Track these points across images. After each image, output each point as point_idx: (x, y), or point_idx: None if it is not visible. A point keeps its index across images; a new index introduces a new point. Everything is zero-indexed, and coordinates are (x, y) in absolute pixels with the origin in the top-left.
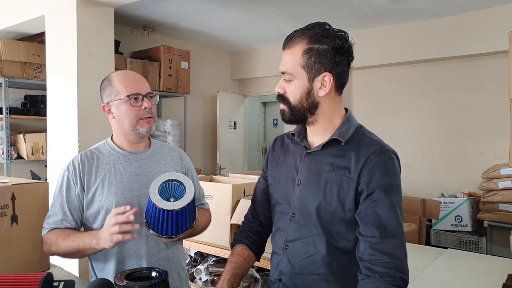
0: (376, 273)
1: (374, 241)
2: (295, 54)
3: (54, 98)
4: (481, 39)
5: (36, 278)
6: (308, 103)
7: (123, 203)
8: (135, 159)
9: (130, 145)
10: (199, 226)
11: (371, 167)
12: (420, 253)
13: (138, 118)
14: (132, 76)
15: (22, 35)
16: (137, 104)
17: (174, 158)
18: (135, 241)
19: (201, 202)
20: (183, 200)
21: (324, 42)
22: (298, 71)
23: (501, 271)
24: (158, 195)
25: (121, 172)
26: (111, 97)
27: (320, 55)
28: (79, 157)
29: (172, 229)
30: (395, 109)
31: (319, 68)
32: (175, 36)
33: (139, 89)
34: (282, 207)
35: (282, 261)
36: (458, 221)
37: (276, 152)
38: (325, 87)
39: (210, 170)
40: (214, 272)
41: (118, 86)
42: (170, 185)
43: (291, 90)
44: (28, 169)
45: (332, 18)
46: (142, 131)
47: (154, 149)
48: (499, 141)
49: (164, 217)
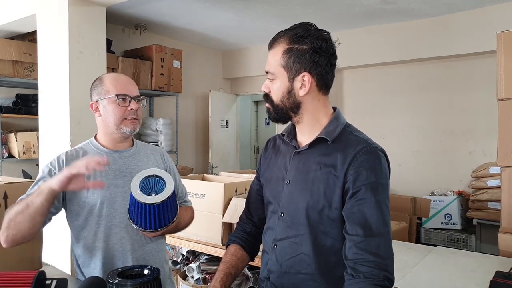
0: (360, 273)
1: (358, 239)
2: (277, 54)
3: (46, 97)
4: (470, 39)
5: (28, 277)
6: (289, 102)
7: (108, 198)
8: (119, 157)
9: (114, 144)
10: (182, 222)
11: (357, 165)
12: (410, 251)
13: (123, 118)
14: (123, 79)
15: (13, 34)
16: (124, 104)
17: (156, 157)
18: (120, 235)
19: (183, 200)
20: (163, 194)
21: (303, 42)
22: (279, 71)
23: (489, 268)
24: (140, 190)
25: (105, 169)
26: (100, 96)
27: (299, 55)
28: (64, 154)
29: (155, 223)
30: (385, 108)
31: (299, 68)
32: (167, 35)
33: (128, 91)
34: (273, 207)
35: (270, 259)
36: (447, 219)
37: (268, 153)
38: (305, 87)
39: (202, 169)
40: (206, 270)
41: (109, 86)
42: (151, 180)
43: (274, 90)
44: (19, 168)
45: (323, 17)
46: (126, 130)
47: (137, 148)
48: (488, 140)
49: (146, 211)
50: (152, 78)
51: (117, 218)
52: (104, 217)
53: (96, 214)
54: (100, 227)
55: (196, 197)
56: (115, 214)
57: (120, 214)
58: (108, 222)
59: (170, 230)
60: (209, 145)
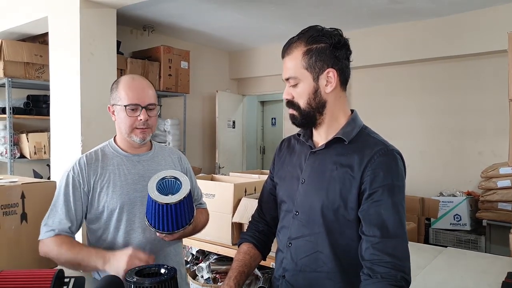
0: (377, 273)
1: (375, 240)
2: (296, 58)
3: (57, 98)
4: (480, 38)
5: (48, 275)
6: (316, 102)
7: (127, 203)
8: (138, 161)
9: (132, 147)
10: (199, 224)
11: (374, 167)
12: (420, 251)
13: (133, 128)
14: (137, 85)
15: (24, 36)
16: (134, 114)
17: (174, 160)
18: (139, 240)
19: (199, 202)
20: (180, 194)
21: (321, 40)
22: (302, 73)
23: (500, 269)
24: (157, 191)
25: (125, 173)
26: (114, 101)
27: (320, 53)
28: (84, 158)
29: (172, 224)
30: (394, 109)
31: (322, 66)
32: (174, 36)
33: (139, 100)
34: (287, 205)
35: (285, 258)
36: (457, 220)
37: (282, 152)
38: (331, 83)
39: (209, 169)
40: (216, 270)
41: (121, 93)
42: (168, 182)
43: (299, 94)
44: (30, 168)
45: (330, 17)
46: (135, 139)
47: (155, 151)
48: (498, 140)
49: (163, 212)
50: (160, 79)
51: (136, 223)
52: (123, 221)
53: (116, 219)
54: (120, 232)
55: (206, 197)
56: (134, 219)
57: (139, 218)
58: (127, 226)
59: (187, 232)
60: (216, 145)
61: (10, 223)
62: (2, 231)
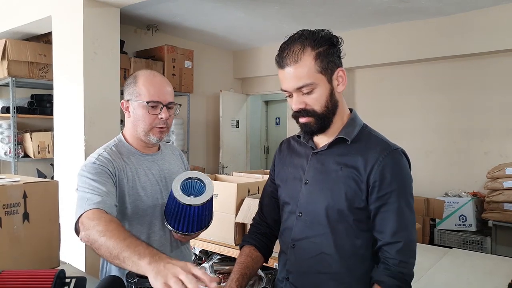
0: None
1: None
2: (307, 64)
3: (61, 97)
4: (486, 37)
5: (49, 275)
6: (332, 104)
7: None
8: (153, 161)
9: (144, 146)
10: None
11: (381, 168)
12: (425, 252)
13: (153, 126)
14: (158, 81)
15: (28, 35)
16: (155, 112)
17: (177, 156)
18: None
19: None
20: (204, 196)
21: (324, 43)
22: (318, 77)
23: (507, 270)
24: (180, 191)
25: (145, 173)
26: (132, 96)
27: (328, 55)
28: (105, 153)
29: (192, 225)
30: (399, 108)
31: (332, 67)
32: (178, 36)
33: (161, 97)
34: (290, 207)
35: (289, 260)
36: (462, 220)
37: (282, 154)
38: (342, 82)
39: (213, 168)
40: (219, 270)
41: (142, 88)
42: (191, 183)
43: (315, 99)
44: (34, 168)
45: (335, 16)
46: (152, 139)
47: (163, 150)
48: (504, 140)
49: (185, 213)
50: None
51: (157, 225)
52: (146, 224)
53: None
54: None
55: None
56: (155, 221)
57: (159, 220)
58: (149, 229)
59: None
60: (220, 145)
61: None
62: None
